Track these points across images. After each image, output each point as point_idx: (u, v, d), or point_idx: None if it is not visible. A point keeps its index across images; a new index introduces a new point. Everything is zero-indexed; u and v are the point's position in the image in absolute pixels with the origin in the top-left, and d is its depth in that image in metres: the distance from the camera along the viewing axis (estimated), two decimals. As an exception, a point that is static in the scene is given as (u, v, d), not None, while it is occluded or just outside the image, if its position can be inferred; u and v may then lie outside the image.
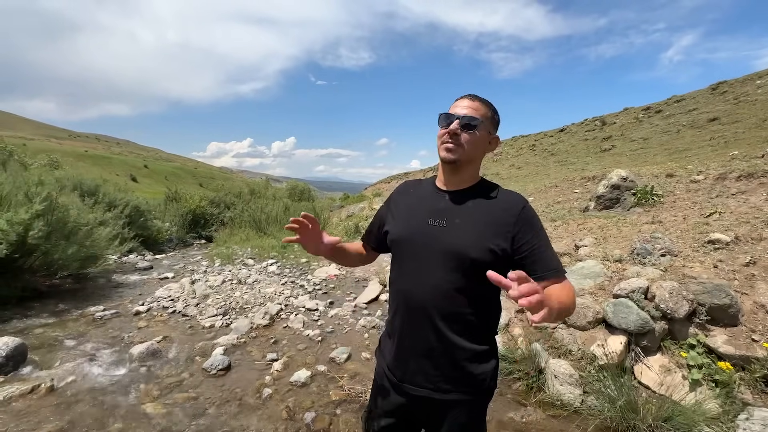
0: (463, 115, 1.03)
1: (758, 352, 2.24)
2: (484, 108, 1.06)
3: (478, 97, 1.08)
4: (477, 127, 1.04)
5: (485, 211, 1.05)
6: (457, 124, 1.03)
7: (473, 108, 1.05)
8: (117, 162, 71.10)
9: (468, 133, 1.03)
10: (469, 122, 1.03)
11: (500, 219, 1.02)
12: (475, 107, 1.05)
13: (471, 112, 1.04)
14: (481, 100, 1.07)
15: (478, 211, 1.05)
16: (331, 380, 2.70)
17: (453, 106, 1.09)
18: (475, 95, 1.08)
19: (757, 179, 4.58)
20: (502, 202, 1.05)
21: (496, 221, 1.02)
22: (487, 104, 1.07)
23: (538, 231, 1.03)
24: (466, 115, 1.03)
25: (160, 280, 5.51)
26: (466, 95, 1.08)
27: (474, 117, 1.03)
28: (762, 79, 19.13)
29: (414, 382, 1.09)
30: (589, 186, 7.27)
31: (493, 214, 1.04)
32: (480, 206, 1.06)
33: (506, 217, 1.02)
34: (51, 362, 2.82)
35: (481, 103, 1.07)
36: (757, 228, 3.23)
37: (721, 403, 2.13)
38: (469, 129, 1.03)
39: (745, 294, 2.59)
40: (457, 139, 1.03)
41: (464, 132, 1.03)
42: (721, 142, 11.75)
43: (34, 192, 4.43)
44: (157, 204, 11.47)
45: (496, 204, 1.05)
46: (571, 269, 3.36)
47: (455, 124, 1.03)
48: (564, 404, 2.33)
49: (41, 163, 9.44)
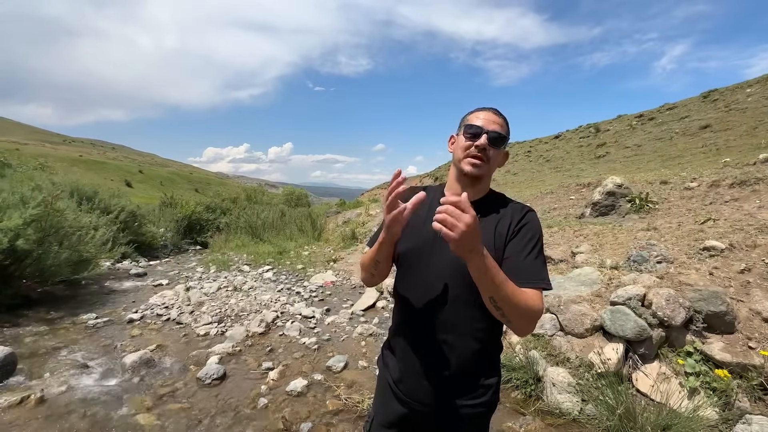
0: (492, 130, 1.03)
1: (755, 360, 2.24)
2: (506, 125, 1.07)
3: (498, 111, 1.07)
4: (503, 145, 1.05)
5: (491, 223, 1.04)
6: (485, 139, 1.02)
7: (499, 124, 1.04)
8: (112, 167, 70.67)
9: (494, 149, 1.03)
10: (497, 138, 1.03)
11: (502, 230, 1.02)
12: (500, 123, 1.05)
13: (498, 128, 1.03)
14: (503, 116, 1.07)
15: (484, 223, 1.03)
16: (327, 389, 2.67)
17: (475, 116, 1.06)
18: (496, 110, 1.07)
19: (750, 186, 4.64)
20: (506, 214, 1.04)
21: (499, 233, 1.02)
22: (505, 119, 1.07)
23: (527, 237, 1.00)
24: (495, 130, 1.03)
25: (154, 286, 5.44)
26: (490, 109, 1.07)
27: (502, 134, 1.04)
28: (752, 88, 19.51)
29: (418, 395, 1.08)
30: (585, 193, 7.33)
31: (497, 226, 1.03)
32: (486, 219, 1.05)
33: (505, 226, 1.02)
34: (41, 372, 2.76)
35: (504, 120, 1.07)
36: (752, 235, 3.26)
37: (719, 411, 2.13)
38: (496, 145, 1.03)
39: (740, 301, 2.61)
40: (486, 153, 1.03)
41: (492, 148, 1.03)
42: (714, 149, 11.93)
43: (29, 196, 4.39)
44: (151, 209, 11.39)
45: (501, 216, 1.04)
46: (567, 276, 3.37)
47: (484, 139, 1.02)
48: (563, 412, 2.31)
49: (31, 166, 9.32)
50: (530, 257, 0.98)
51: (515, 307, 0.88)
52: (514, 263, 0.97)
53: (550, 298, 3.04)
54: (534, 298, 0.92)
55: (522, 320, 0.92)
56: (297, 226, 9.75)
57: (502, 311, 0.90)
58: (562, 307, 2.91)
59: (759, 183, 4.61)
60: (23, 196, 4.40)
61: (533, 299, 0.91)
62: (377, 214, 11.10)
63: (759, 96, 17.49)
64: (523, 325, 0.94)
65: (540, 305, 0.93)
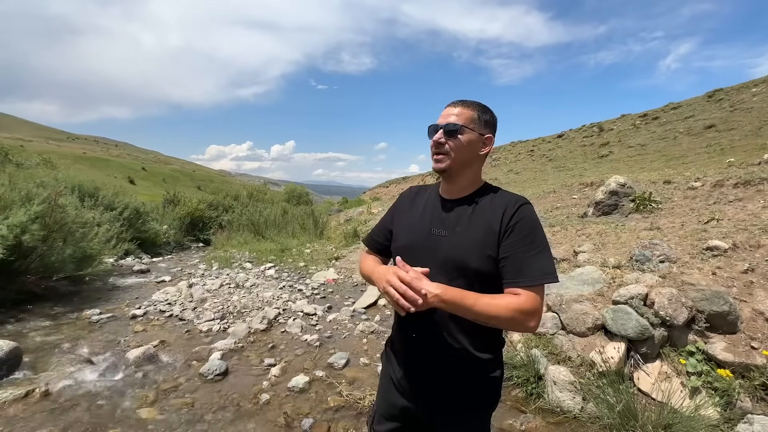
0: (445, 123, 1.05)
1: (757, 360, 2.24)
2: (467, 111, 1.06)
3: (460, 101, 1.08)
4: (459, 132, 1.04)
5: (484, 216, 1.03)
6: (441, 134, 1.04)
7: (454, 114, 1.06)
8: (115, 164, 70.99)
9: (452, 140, 1.04)
10: (450, 129, 1.04)
11: (494, 223, 1.01)
12: (456, 113, 1.06)
13: (452, 119, 1.05)
14: (464, 103, 1.08)
15: (477, 217, 1.04)
16: (329, 386, 2.68)
17: (440, 116, 1.10)
18: (457, 101, 1.08)
19: (754, 186, 4.61)
20: (499, 206, 1.03)
21: (490, 226, 1.00)
22: (470, 106, 1.07)
23: (523, 234, 0.98)
24: (448, 123, 1.04)
25: (157, 283, 5.48)
26: (451, 102, 1.09)
27: (454, 123, 1.04)
28: (757, 87, 19.36)
29: (421, 392, 1.09)
30: (587, 192, 7.30)
31: (489, 219, 1.02)
32: (479, 213, 1.05)
33: (497, 220, 1.00)
34: (46, 366, 2.79)
35: (464, 107, 1.07)
36: (755, 235, 3.25)
37: (721, 411, 2.12)
38: (451, 136, 1.04)
39: (743, 301, 2.60)
40: (442, 148, 1.05)
41: (448, 140, 1.04)
42: (718, 149, 11.85)
43: (35, 193, 4.42)
44: (155, 207, 11.44)
45: (493, 208, 1.03)
46: (569, 275, 3.36)
47: (438, 134, 1.05)
48: (563, 411, 2.32)
49: (34, 162, 9.38)
50: (531, 254, 0.96)
51: (496, 319, 0.91)
52: (516, 264, 0.96)
53: (552, 297, 3.04)
54: (524, 301, 0.92)
55: (509, 325, 0.94)
56: (299, 224, 9.77)
57: (489, 325, 0.95)
58: (563, 306, 2.91)
59: (763, 183, 4.59)
60: (29, 192, 4.43)
61: (522, 302, 0.91)
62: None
63: (765, 96, 17.36)
64: (514, 328, 0.95)
65: (532, 305, 0.92)
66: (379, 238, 1.26)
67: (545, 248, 0.99)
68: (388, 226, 1.23)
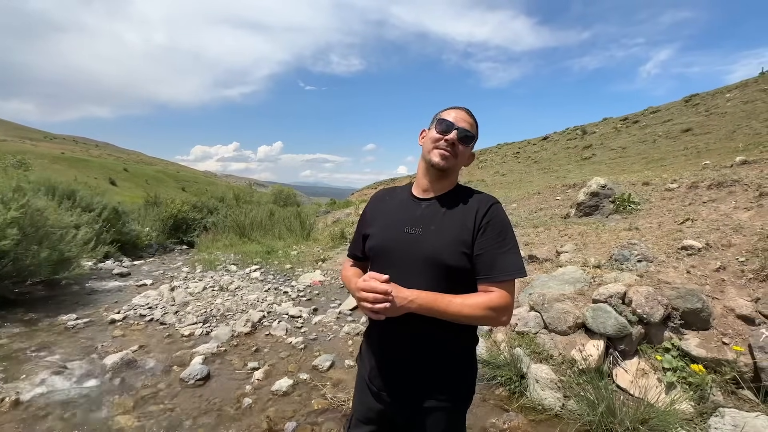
0: (463, 128, 1.08)
1: (728, 355, 2.32)
2: (476, 126, 1.12)
3: (469, 111, 1.12)
4: (471, 143, 1.10)
5: (457, 215, 1.06)
6: (455, 134, 1.06)
7: (470, 123, 1.10)
8: (95, 165, 68.91)
9: (463, 145, 1.08)
10: (468, 136, 1.08)
11: (467, 222, 1.04)
12: (471, 123, 1.10)
13: (468, 127, 1.09)
14: (472, 115, 1.12)
15: (451, 216, 1.06)
16: (313, 389, 2.66)
17: (447, 113, 1.11)
18: (467, 110, 1.12)
19: (727, 188, 4.79)
20: (471, 205, 1.07)
21: (464, 224, 1.04)
22: (475, 120, 1.13)
23: (495, 232, 1.02)
24: (466, 129, 1.08)
25: (137, 286, 5.33)
26: (463, 108, 1.12)
27: (471, 133, 1.09)
28: (731, 93, 20.16)
29: (393, 390, 1.09)
30: (570, 193, 7.46)
31: (463, 218, 1.05)
32: (453, 211, 1.07)
33: (470, 218, 1.04)
34: (17, 374, 2.68)
35: (475, 121, 1.12)
36: (727, 235, 3.37)
37: (695, 405, 2.19)
38: (465, 142, 1.09)
39: (715, 299, 2.69)
40: (455, 149, 1.07)
41: (461, 144, 1.08)
42: (694, 152, 12.28)
43: (11, 198, 4.24)
44: (136, 208, 11.15)
45: (466, 207, 1.07)
46: (552, 275, 3.43)
47: (454, 135, 1.06)
48: (545, 409, 2.35)
49: (8, 163, 9.02)
50: (502, 251, 1.01)
51: (470, 318, 0.97)
52: (489, 260, 1.00)
53: (535, 296, 3.09)
54: (496, 298, 0.98)
55: (483, 322, 1.00)
56: (286, 225, 9.67)
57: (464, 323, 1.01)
58: (546, 305, 2.95)
59: (735, 185, 4.77)
60: (3, 197, 4.25)
61: (493, 299, 0.97)
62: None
63: (737, 101, 18.09)
64: (489, 324, 1.02)
65: (504, 301, 0.98)
66: (357, 251, 1.27)
67: (515, 245, 1.04)
68: (362, 232, 1.24)
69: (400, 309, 0.93)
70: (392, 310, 0.92)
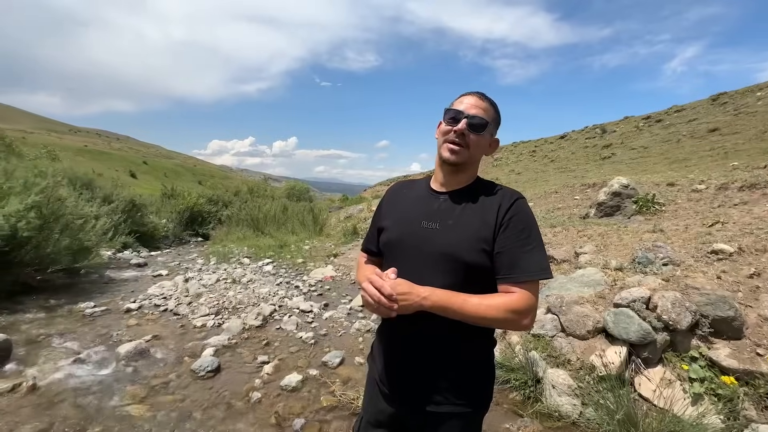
0: (473, 115, 0.98)
1: (763, 367, 2.17)
2: (492, 109, 1.02)
3: (486, 96, 1.03)
4: (485, 130, 1.00)
5: (478, 210, 0.99)
6: (464, 123, 0.98)
7: (482, 108, 1.00)
8: (116, 158, 70.96)
9: (474, 135, 0.99)
10: (478, 123, 0.98)
11: (488, 217, 0.96)
12: (484, 108, 1.00)
13: (480, 113, 0.99)
14: (489, 100, 1.03)
15: (470, 211, 0.99)
16: (322, 385, 2.63)
17: (459, 101, 1.03)
18: (483, 94, 1.03)
19: (760, 190, 4.54)
20: (494, 200, 0.99)
21: (485, 220, 0.96)
22: (493, 105, 1.03)
23: (518, 229, 0.94)
24: (476, 115, 0.98)
25: (153, 277, 5.43)
26: (474, 93, 1.03)
27: (483, 118, 0.99)
28: (762, 91, 19.22)
29: (406, 393, 1.04)
30: (589, 193, 7.23)
31: (483, 213, 0.98)
32: (473, 206, 1.00)
33: (492, 214, 0.96)
34: (36, 359, 2.74)
35: (489, 103, 1.02)
36: (762, 239, 3.18)
37: (724, 419, 2.06)
38: (476, 130, 0.99)
39: (749, 306, 2.53)
40: (464, 139, 0.99)
41: (471, 133, 0.98)
42: (721, 152, 11.76)
43: (32, 182, 4.36)
44: (154, 200, 11.40)
45: (488, 202, 0.99)
46: (570, 276, 3.30)
47: (463, 124, 0.98)
48: (561, 416, 2.26)
49: (38, 154, 9.38)
50: (526, 250, 0.93)
51: (487, 320, 0.89)
52: (511, 259, 0.93)
53: (552, 298, 2.98)
54: (517, 299, 0.90)
55: (502, 325, 0.92)
56: (299, 220, 9.71)
57: (480, 325, 0.93)
58: (563, 307, 2.84)
59: (769, 187, 4.51)
60: (27, 182, 4.37)
61: (514, 301, 0.89)
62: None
63: (770, 99, 17.23)
64: (508, 327, 0.96)
65: (526, 303, 0.90)
66: (371, 246, 1.21)
67: (540, 243, 0.96)
68: (377, 225, 1.17)
69: (413, 306, 0.87)
70: (404, 307, 0.86)
